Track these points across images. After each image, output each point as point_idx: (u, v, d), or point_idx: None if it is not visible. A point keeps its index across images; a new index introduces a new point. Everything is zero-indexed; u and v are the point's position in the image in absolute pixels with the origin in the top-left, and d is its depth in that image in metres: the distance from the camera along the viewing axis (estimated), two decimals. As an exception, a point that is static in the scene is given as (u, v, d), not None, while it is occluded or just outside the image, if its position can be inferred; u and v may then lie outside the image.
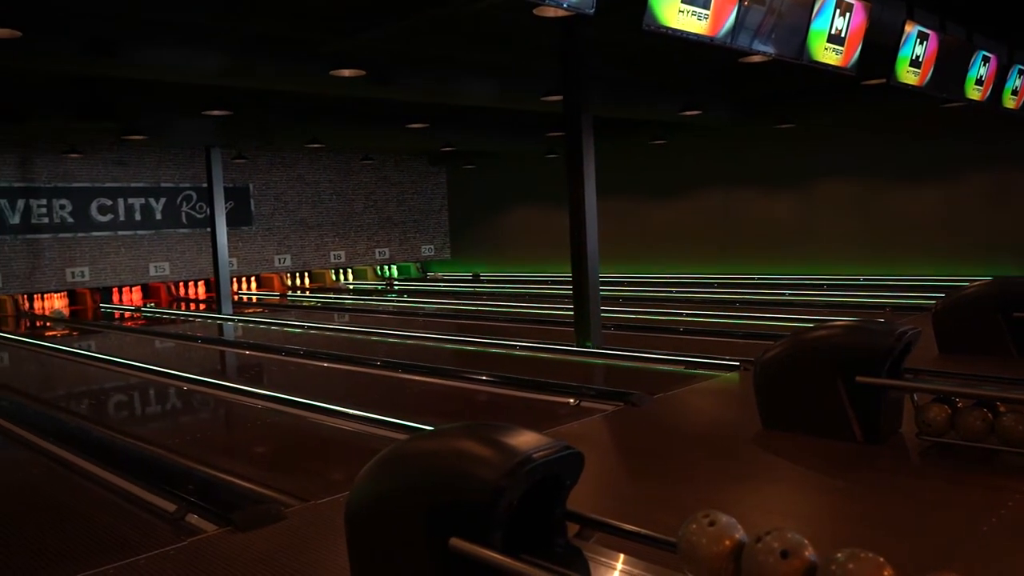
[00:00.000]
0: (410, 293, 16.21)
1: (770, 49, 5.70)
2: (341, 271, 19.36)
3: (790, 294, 12.11)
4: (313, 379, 7.74)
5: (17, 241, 14.53)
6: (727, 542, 2.00)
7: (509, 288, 15.72)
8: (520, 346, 8.43)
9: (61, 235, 15.00)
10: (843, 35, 6.15)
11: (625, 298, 12.65)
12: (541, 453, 2.28)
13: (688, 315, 10.42)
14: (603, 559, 2.29)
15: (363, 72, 7.67)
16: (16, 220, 14.50)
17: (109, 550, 3.38)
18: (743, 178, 15.08)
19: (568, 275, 7.96)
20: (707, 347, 7.63)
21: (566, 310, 10.57)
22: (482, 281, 18.01)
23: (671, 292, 13.37)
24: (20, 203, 14.54)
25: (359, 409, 5.72)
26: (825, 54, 6.08)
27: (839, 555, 1.81)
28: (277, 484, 4.25)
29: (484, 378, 6.87)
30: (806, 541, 1.89)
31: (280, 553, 3.07)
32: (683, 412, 5.34)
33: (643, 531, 2.30)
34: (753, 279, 14.18)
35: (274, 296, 17.08)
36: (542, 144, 15.22)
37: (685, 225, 15.89)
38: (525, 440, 2.34)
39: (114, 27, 6.56)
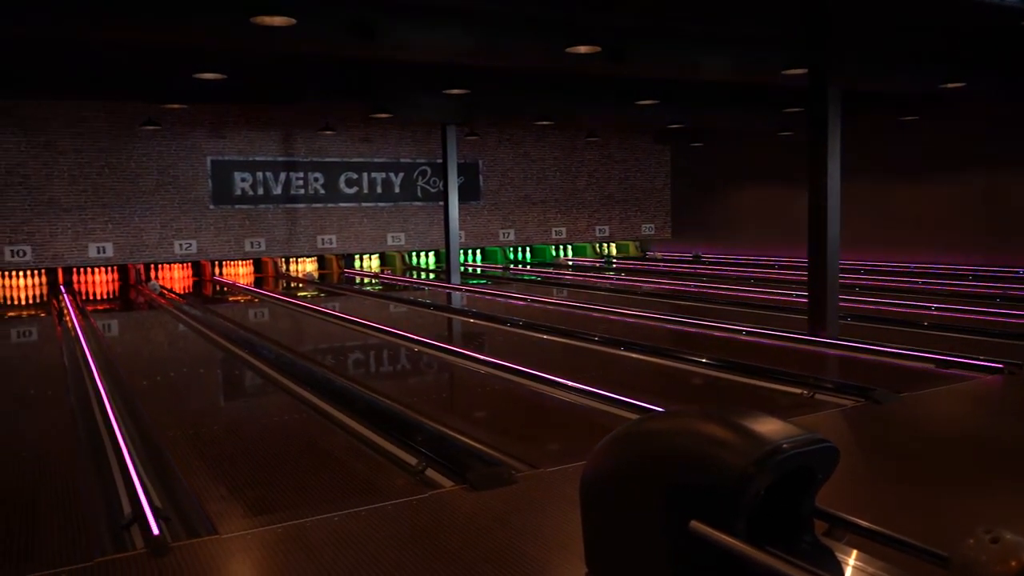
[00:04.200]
0: (628, 272, 16.15)
1: (1067, 9, 4.95)
2: (561, 247, 19.72)
3: (1066, 292, 10.62)
4: (533, 349, 7.95)
5: (279, 210, 16.23)
6: (1013, 563, 1.77)
7: (732, 271, 15.18)
8: (746, 331, 8.10)
9: (314, 205, 16.55)
10: None
11: (862, 287, 11.75)
12: (792, 443, 2.16)
13: (936, 309, 9.47)
14: (856, 562, 2.14)
15: (598, 48, 7.66)
16: (278, 191, 16.19)
17: (360, 494, 3.69)
18: (1013, 158, 13.37)
19: (799, 259, 7.53)
20: (958, 345, 6.90)
21: (796, 296, 10.02)
22: (703, 262, 17.54)
23: (916, 283, 12.22)
24: (282, 176, 16.22)
25: (577, 381, 5.80)
26: None
27: None
28: (502, 447, 4.40)
29: (704, 360, 6.70)
30: (1120, 575, 1.63)
31: (514, 515, 3.18)
32: (937, 414, 4.86)
33: (905, 538, 2.12)
34: (1020, 273, 12.59)
35: (496, 268, 17.75)
36: (777, 121, 14.44)
37: (936, 210, 14.40)
38: (774, 428, 2.23)
39: (373, 10, 7.05)
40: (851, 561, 2.17)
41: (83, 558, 2.99)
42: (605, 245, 20.29)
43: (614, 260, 19.18)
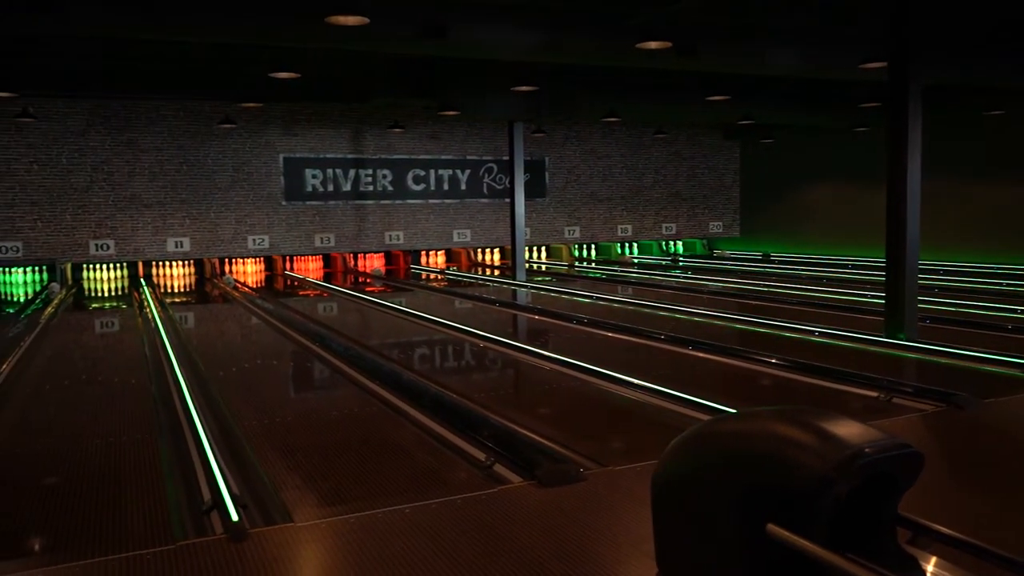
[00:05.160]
0: (695, 270, 15.92)
1: None
2: (626, 244, 19.56)
3: None
4: (599, 347, 7.91)
5: (348, 206, 16.54)
6: (1115, 579, 1.69)
7: (804, 270, 14.82)
8: (819, 332, 7.90)
9: (382, 202, 16.80)
10: None
11: (941, 288, 11.33)
12: (875, 448, 2.10)
13: (1022, 311, 9.06)
14: (942, 572, 2.07)
15: (669, 44, 7.57)
16: (347, 187, 16.50)
17: (429, 487, 3.74)
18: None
19: (875, 259, 7.31)
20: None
21: (871, 297, 9.73)
22: (772, 261, 17.17)
23: (999, 284, 11.72)
24: (351, 172, 16.52)
25: (644, 380, 5.75)
26: None
27: None
28: (568, 444, 4.38)
29: (774, 361, 6.56)
30: None
31: (583, 512, 3.18)
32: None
33: (994, 549, 2.04)
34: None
35: (562, 266, 17.71)
36: (853, 117, 14.02)
37: (1023, 209, 13.78)
38: (855, 432, 2.17)
39: (444, 9, 7.12)
40: (937, 571, 2.10)
41: (166, 541, 3.10)
42: (671, 243, 20.05)
43: (681, 258, 18.94)
